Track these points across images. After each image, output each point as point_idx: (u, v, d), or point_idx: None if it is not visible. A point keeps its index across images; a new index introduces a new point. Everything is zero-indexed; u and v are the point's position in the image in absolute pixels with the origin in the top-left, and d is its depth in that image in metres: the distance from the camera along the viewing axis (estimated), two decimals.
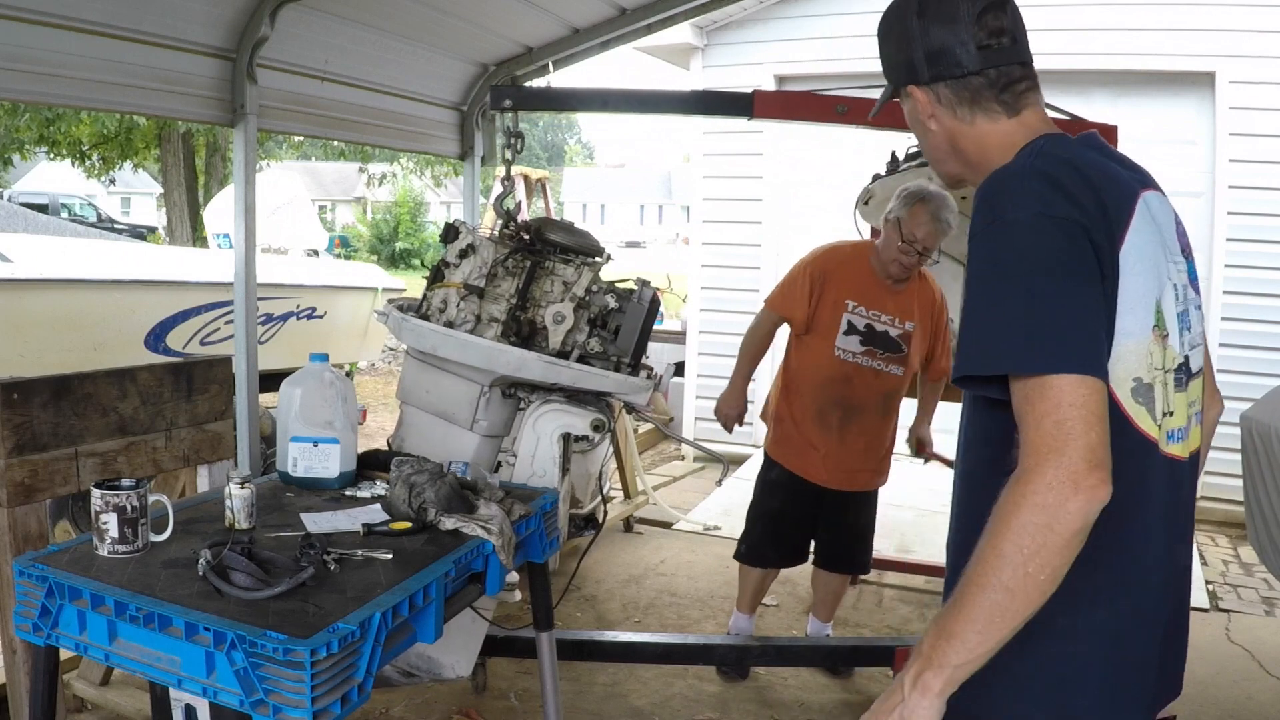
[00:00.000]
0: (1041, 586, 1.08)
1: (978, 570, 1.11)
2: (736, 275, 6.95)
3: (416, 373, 2.71)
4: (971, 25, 1.30)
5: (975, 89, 1.33)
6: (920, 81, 1.36)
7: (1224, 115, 5.79)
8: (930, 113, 1.37)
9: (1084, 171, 1.21)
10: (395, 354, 11.66)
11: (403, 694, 3.25)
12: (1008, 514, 1.09)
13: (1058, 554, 1.07)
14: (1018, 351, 1.13)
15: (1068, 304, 1.14)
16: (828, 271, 3.35)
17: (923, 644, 1.15)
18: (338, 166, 32.91)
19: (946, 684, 1.12)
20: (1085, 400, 1.10)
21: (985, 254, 1.20)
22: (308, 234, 10.50)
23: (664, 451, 7.50)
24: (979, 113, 1.34)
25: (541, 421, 2.58)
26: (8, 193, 20.11)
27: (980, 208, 1.22)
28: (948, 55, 1.32)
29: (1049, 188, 1.18)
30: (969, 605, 1.10)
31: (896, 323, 3.33)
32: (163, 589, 1.63)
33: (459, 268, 2.65)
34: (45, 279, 4.75)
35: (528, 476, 2.59)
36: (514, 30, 4.39)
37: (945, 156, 1.42)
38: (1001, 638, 1.10)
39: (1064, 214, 1.16)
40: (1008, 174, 1.23)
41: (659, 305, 2.65)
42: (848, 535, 3.54)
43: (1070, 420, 1.09)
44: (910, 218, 3.21)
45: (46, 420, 2.30)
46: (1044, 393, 1.10)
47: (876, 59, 1.46)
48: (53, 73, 2.95)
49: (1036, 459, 1.09)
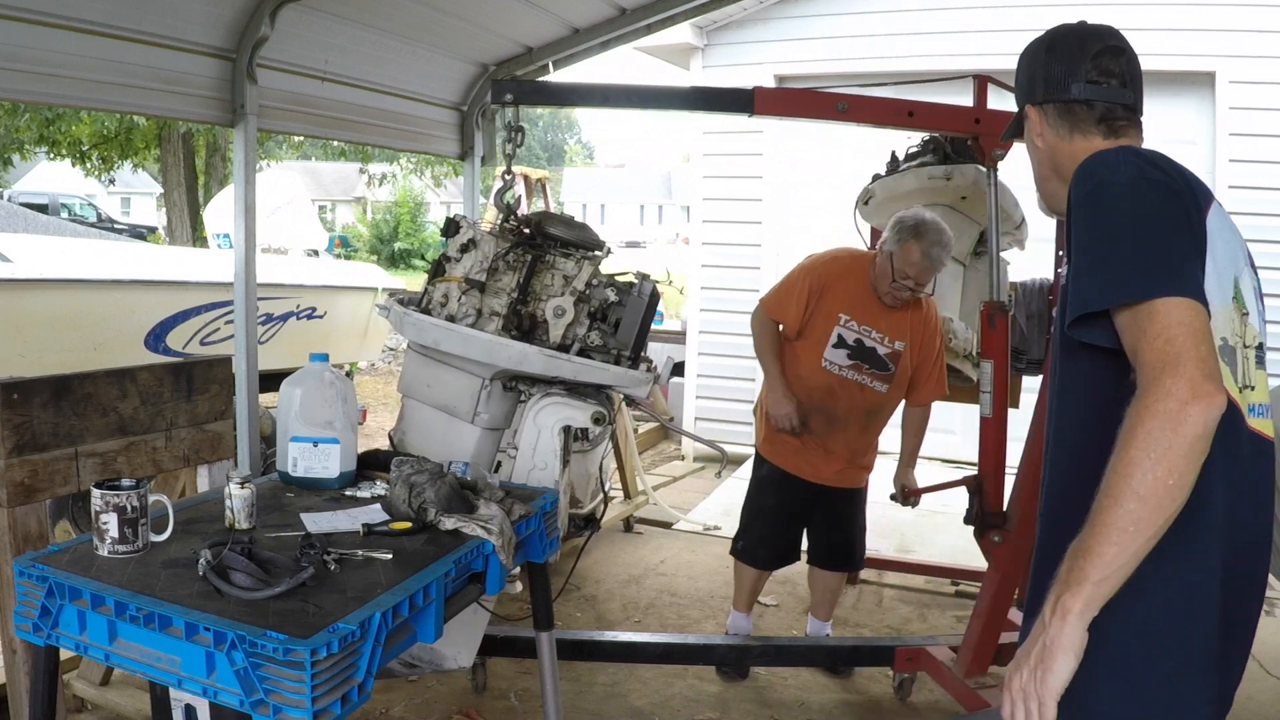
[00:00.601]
0: (1171, 493, 1.13)
1: (1109, 484, 1.16)
2: (736, 275, 6.95)
3: (418, 367, 2.72)
4: (1086, 62, 1.50)
5: (1077, 114, 1.51)
6: (1034, 101, 1.56)
7: (1224, 115, 5.79)
8: (1038, 130, 1.56)
9: (1173, 162, 1.36)
10: (395, 354, 11.66)
11: (403, 694, 3.25)
12: (1133, 426, 1.16)
13: (1183, 458, 1.13)
14: (1125, 283, 1.23)
15: (1167, 241, 1.25)
16: (827, 283, 3.35)
17: (1060, 570, 1.20)
18: (338, 166, 32.91)
19: (1086, 603, 1.16)
20: (1191, 319, 1.18)
21: (1087, 216, 1.32)
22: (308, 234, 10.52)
23: (664, 451, 7.50)
24: (1078, 134, 1.51)
25: (542, 414, 2.58)
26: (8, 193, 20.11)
27: (1078, 182, 1.36)
28: (1060, 82, 1.51)
29: (1143, 160, 1.34)
30: (1103, 519, 1.15)
31: (887, 341, 3.34)
32: (163, 589, 1.63)
33: (460, 262, 2.66)
34: (45, 279, 4.75)
35: (528, 469, 2.58)
36: (514, 30, 4.39)
37: (1048, 173, 1.58)
38: (1137, 550, 1.14)
39: (1159, 179, 1.30)
40: (1102, 153, 1.38)
41: (659, 299, 2.65)
42: (838, 532, 3.56)
43: (1180, 338, 1.17)
44: (902, 253, 3.22)
45: (46, 420, 2.30)
46: (1153, 316, 1.19)
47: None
48: (53, 73, 2.95)
49: (1154, 374, 1.16)
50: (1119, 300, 1.23)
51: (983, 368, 3.04)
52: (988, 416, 3.02)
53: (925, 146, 3.92)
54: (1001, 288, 3.19)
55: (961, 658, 3.12)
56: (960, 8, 6.05)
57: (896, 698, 3.41)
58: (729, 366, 6.88)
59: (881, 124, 3.16)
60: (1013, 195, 3.68)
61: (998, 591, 3.03)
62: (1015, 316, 3.60)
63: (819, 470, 3.43)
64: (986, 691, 2.95)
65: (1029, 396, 3.24)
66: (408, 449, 2.72)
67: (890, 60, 6.10)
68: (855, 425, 3.40)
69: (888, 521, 5.03)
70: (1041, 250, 3.76)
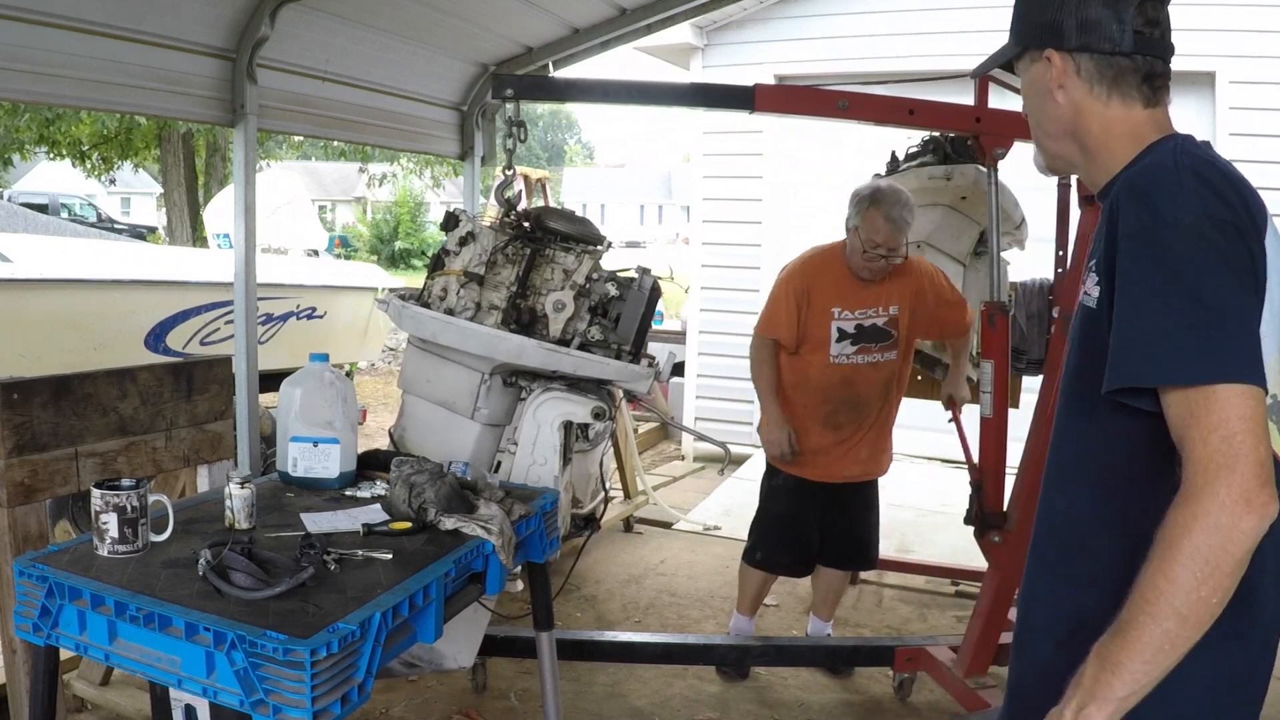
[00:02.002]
0: (1212, 610, 1.06)
1: (1147, 596, 1.07)
2: (736, 275, 6.95)
3: (417, 361, 2.71)
4: (1131, 7, 1.26)
5: (1120, 70, 1.27)
6: (1064, 47, 1.29)
7: (1224, 115, 5.78)
8: (1061, 82, 1.30)
9: (1229, 175, 1.19)
10: (395, 354, 11.66)
11: (403, 694, 3.25)
12: (1178, 537, 1.06)
13: (1229, 576, 1.05)
14: (1182, 361, 1.09)
15: (1230, 312, 1.10)
16: (808, 285, 3.35)
17: (1083, 674, 1.11)
18: (338, 166, 32.87)
19: (1111, 718, 1.09)
20: (1252, 412, 1.06)
21: (1145, 257, 1.14)
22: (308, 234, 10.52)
23: (664, 451, 7.50)
24: (1116, 95, 1.28)
25: (542, 410, 2.57)
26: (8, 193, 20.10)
27: (1134, 204, 1.17)
28: (1102, 28, 1.26)
29: (1205, 188, 1.15)
30: (1137, 634, 1.07)
31: (880, 311, 3.35)
32: (163, 589, 1.63)
33: (459, 255, 2.65)
34: (45, 279, 4.75)
35: (528, 465, 2.57)
36: (514, 30, 4.39)
37: (1059, 133, 1.34)
38: (1168, 667, 1.08)
39: (1224, 216, 1.13)
40: (1159, 169, 1.19)
41: (659, 294, 2.64)
42: (855, 530, 3.55)
43: (1239, 435, 1.05)
44: (867, 224, 3.22)
45: (46, 420, 2.30)
46: (1210, 406, 1.06)
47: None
48: (53, 73, 2.95)
49: (1206, 477, 1.05)
50: (1174, 382, 1.09)
51: (983, 368, 3.04)
52: (988, 416, 3.02)
53: (925, 146, 3.93)
54: (1001, 288, 3.19)
55: (961, 658, 3.12)
56: (960, 8, 6.05)
57: (896, 698, 3.41)
58: (729, 366, 6.87)
59: (882, 122, 3.16)
60: (1013, 195, 3.68)
61: (998, 591, 3.03)
62: (1015, 316, 3.60)
63: (838, 470, 3.43)
64: (986, 692, 2.95)
65: (1029, 396, 3.24)
66: (408, 445, 2.72)
67: (890, 60, 6.10)
68: (877, 400, 3.41)
69: (888, 521, 5.00)
70: (1041, 250, 3.76)
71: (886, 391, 3.43)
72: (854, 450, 3.42)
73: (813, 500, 3.47)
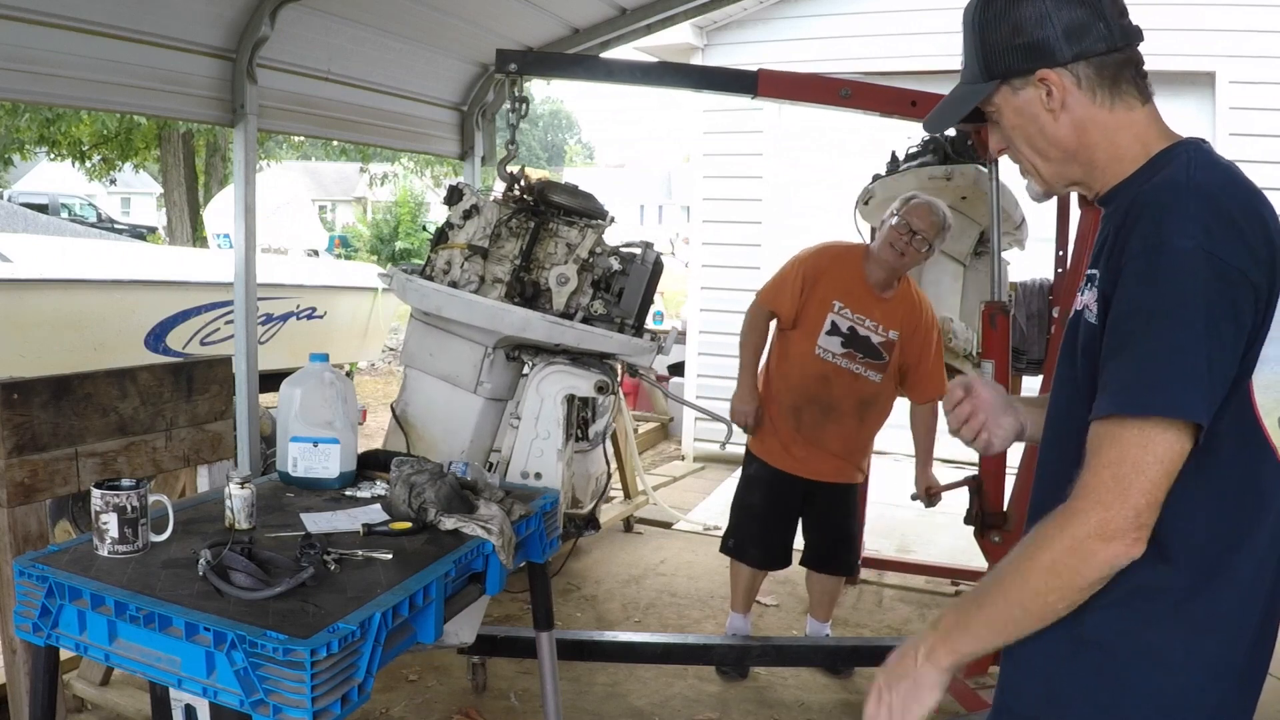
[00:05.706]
0: (1057, 612, 1.16)
1: (1005, 580, 1.18)
2: (736, 275, 6.94)
3: (420, 335, 2.70)
4: (1104, 2, 1.19)
5: (1118, 67, 1.21)
6: (1059, 62, 1.20)
7: (1224, 115, 5.79)
8: (1062, 100, 1.21)
9: (1249, 200, 1.15)
10: (395, 354, 11.66)
11: (403, 694, 3.25)
12: (1043, 544, 1.14)
13: (1078, 592, 1.14)
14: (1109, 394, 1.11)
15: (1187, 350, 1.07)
16: (820, 270, 3.37)
17: (943, 619, 1.24)
18: (338, 166, 32.88)
19: (955, 664, 1.23)
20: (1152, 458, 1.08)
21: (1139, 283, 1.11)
22: (308, 234, 10.50)
23: (664, 451, 7.50)
24: (1118, 98, 1.21)
25: (545, 383, 2.56)
26: (8, 193, 20.11)
27: (1145, 222, 1.12)
28: (1091, 30, 1.19)
29: (1213, 214, 1.10)
30: (988, 609, 1.20)
31: (880, 330, 3.35)
32: (163, 589, 1.63)
33: (463, 229, 2.64)
34: (45, 279, 4.75)
35: (531, 439, 2.56)
36: (514, 30, 4.39)
37: (1061, 156, 1.26)
38: (1010, 640, 1.20)
39: (1225, 253, 1.08)
40: (1171, 190, 1.14)
41: (662, 268, 2.63)
42: (831, 535, 3.56)
43: (1130, 476, 1.09)
44: (912, 210, 3.27)
45: (46, 420, 2.30)
46: (1112, 441, 1.10)
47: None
48: (53, 73, 2.95)
49: (1086, 503, 1.11)
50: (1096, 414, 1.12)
51: (983, 368, 3.04)
52: None
53: (925, 146, 3.93)
54: (1002, 288, 3.19)
55: None
56: (960, 8, 6.04)
57: None
58: (729, 366, 6.83)
59: (883, 112, 3.16)
60: (1013, 195, 3.68)
61: None
62: (1015, 316, 3.60)
63: (812, 466, 3.43)
64: (986, 691, 2.95)
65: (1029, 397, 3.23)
66: (410, 420, 2.71)
67: (890, 60, 6.10)
68: (850, 418, 3.40)
69: (888, 521, 5.03)
70: (1041, 250, 3.76)
71: (861, 411, 3.41)
72: (819, 454, 3.42)
73: (787, 496, 3.48)
